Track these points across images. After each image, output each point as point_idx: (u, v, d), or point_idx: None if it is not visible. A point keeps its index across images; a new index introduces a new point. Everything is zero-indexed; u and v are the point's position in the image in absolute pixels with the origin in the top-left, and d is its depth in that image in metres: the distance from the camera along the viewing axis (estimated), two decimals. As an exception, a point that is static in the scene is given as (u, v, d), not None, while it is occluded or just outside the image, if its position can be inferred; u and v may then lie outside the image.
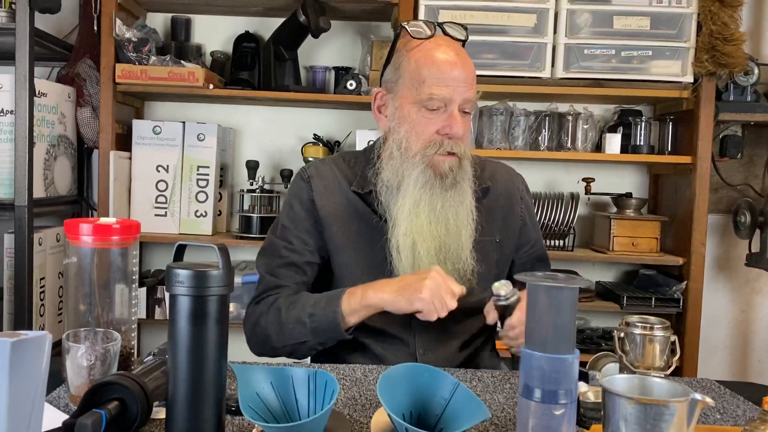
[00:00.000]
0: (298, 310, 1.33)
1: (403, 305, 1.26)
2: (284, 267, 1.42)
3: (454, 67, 1.33)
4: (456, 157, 1.36)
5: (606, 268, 2.67)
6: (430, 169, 1.35)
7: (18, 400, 0.71)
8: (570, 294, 0.80)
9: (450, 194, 1.36)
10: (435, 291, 1.24)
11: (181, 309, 0.86)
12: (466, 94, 1.34)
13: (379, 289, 1.29)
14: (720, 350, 2.71)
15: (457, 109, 1.34)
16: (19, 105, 2.01)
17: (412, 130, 1.36)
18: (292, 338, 1.34)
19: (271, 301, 1.39)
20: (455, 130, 1.33)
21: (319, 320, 1.31)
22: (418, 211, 1.35)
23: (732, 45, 2.17)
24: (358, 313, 1.31)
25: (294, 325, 1.33)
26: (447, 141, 1.35)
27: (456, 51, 1.37)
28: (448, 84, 1.33)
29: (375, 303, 1.29)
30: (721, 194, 2.62)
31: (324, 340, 1.34)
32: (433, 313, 1.24)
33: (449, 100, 1.33)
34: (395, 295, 1.27)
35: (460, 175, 1.37)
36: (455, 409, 0.93)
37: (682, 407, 0.77)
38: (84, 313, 1.11)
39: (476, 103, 2.34)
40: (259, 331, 1.38)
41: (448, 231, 1.36)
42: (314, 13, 2.26)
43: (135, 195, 2.41)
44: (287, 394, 0.95)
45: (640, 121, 2.42)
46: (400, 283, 1.29)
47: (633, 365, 1.12)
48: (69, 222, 1.11)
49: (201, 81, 2.27)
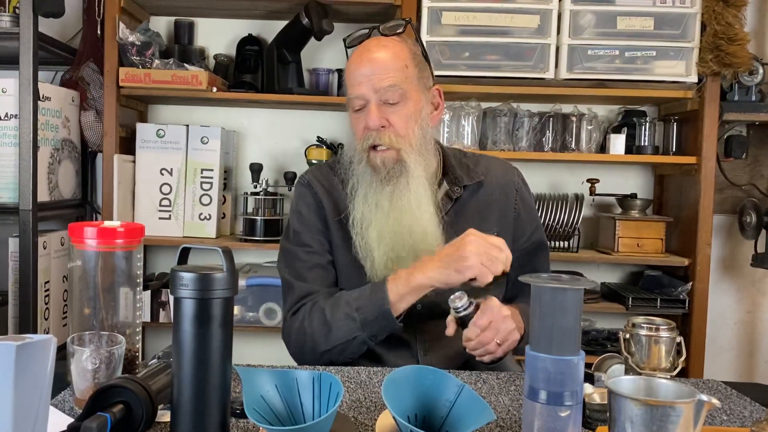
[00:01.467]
0: (343, 306, 1.33)
1: (454, 278, 1.25)
2: (310, 270, 1.42)
3: (360, 64, 1.38)
4: (391, 151, 1.37)
5: (611, 269, 2.66)
6: (368, 166, 1.39)
7: (23, 403, 0.71)
8: (575, 295, 0.80)
9: (390, 188, 1.37)
10: (480, 252, 1.23)
11: (185, 312, 0.86)
12: (378, 84, 1.35)
13: (422, 269, 1.28)
14: (726, 351, 2.70)
15: (374, 103, 1.36)
16: (24, 109, 2.01)
17: (352, 134, 1.43)
18: (341, 337, 1.32)
19: (309, 306, 1.38)
20: (369, 122, 1.36)
21: (367, 312, 1.30)
22: (369, 210, 1.38)
23: (736, 45, 2.16)
24: (406, 298, 1.30)
25: (342, 323, 1.32)
26: (371, 134, 1.37)
27: (371, 47, 1.40)
28: (359, 82, 1.37)
29: (424, 282, 1.28)
30: (727, 194, 2.61)
31: (375, 332, 1.32)
32: (487, 274, 1.23)
33: (364, 96, 1.37)
34: (442, 270, 1.26)
35: (399, 168, 1.37)
36: (460, 412, 0.93)
37: (688, 408, 0.77)
38: (88, 316, 1.11)
39: (479, 104, 2.37)
40: (305, 338, 1.36)
41: (401, 223, 1.36)
42: (317, 15, 2.26)
43: (139, 198, 2.41)
44: (292, 396, 0.95)
45: (644, 121, 2.41)
46: (441, 257, 1.28)
47: (639, 366, 1.12)
48: (73, 226, 1.11)
49: (204, 84, 2.27)
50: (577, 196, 2.40)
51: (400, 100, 1.37)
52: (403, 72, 1.37)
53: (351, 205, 1.41)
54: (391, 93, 1.36)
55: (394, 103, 1.37)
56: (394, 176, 1.37)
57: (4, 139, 2.06)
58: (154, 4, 2.46)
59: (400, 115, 1.37)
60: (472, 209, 1.46)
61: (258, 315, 2.43)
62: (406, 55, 1.40)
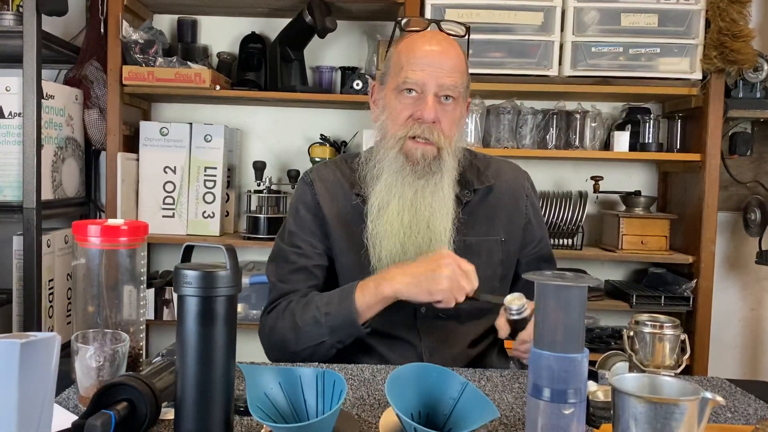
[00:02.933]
0: (312, 310, 1.32)
1: (421, 296, 1.25)
2: (294, 272, 1.42)
3: (431, 53, 1.35)
4: (432, 146, 1.35)
5: (615, 267, 2.66)
6: (402, 154, 1.35)
7: (27, 401, 0.71)
8: (579, 293, 0.80)
9: (422, 183, 1.35)
10: (452, 278, 1.22)
11: (189, 310, 0.86)
12: (443, 81, 1.33)
13: (391, 280, 1.27)
14: (730, 348, 2.69)
15: (432, 95, 1.33)
16: (27, 107, 2.01)
17: (390, 116, 1.37)
18: (309, 340, 1.32)
19: (283, 306, 1.38)
20: (425, 114, 1.32)
21: (334, 318, 1.30)
22: (389, 199, 1.35)
23: (741, 41, 2.16)
24: (373, 307, 1.29)
25: (311, 327, 1.31)
26: (418, 125, 1.34)
27: (439, 41, 1.37)
28: (423, 68, 1.33)
29: (390, 294, 1.27)
30: (731, 192, 2.60)
31: (342, 338, 1.32)
32: (452, 301, 1.24)
33: (423, 85, 1.33)
34: (412, 286, 1.25)
35: (436, 166, 1.35)
36: (464, 409, 0.93)
37: (692, 406, 0.76)
38: (92, 314, 1.11)
39: (483, 102, 2.36)
40: (276, 339, 1.37)
41: (419, 221, 1.35)
42: (320, 13, 2.26)
43: (142, 196, 2.41)
44: (296, 394, 0.95)
45: (648, 118, 2.41)
46: (413, 271, 1.26)
47: (643, 364, 1.11)
48: (77, 224, 1.11)
49: (207, 82, 2.27)
50: (581, 193, 2.39)
51: (453, 101, 1.36)
52: (462, 77, 1.37)
53: (371, 189, 1.38)
54: (450, 92, 1.35)
55: (447, 102, 1.35)
56: (430, 172, 1.35)
57: (8, 138, 2.07)
58: (157, 3, 2.46)
59: (449, 116, 1.36)
60: (481, 214, 1.44)
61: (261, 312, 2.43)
62: (465, 62, 1.40)
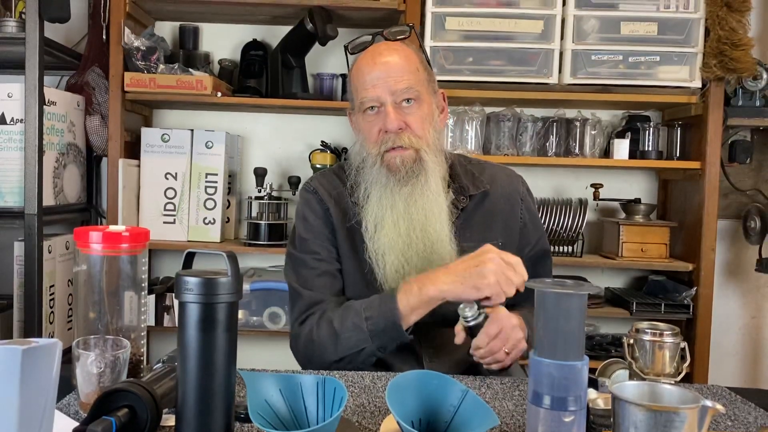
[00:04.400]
0: (352, 316, 1.31)
1: (470, 294, 1.23)
2: (318, 278, 1.41)
3: (375, 66, 1.38)
4: (409, 150, 1.36)
5: (615, 275, 2.66)
6: (384, 168, 1.38)
7: (28, 407, 0.71)
8: (579, 300, 0.80)
9: (407, 189, 1.36)
10: (499, 272, 1.21)
11: (190, 316, 0.86)
12: (395, 87, 1.36)
13: (435, 281, 1.26)
14: (730, 356, 2.69)
15: (390, 105, 1.36)
16: (29, 113, 2.02)
17: (364, 137, 1.42)
18: (350, 347, 1.30)
19: (318, 315, 1.36)
20: (388, 124, 1.36)
21: (376, 322, 1.28)
22: (383, 213, 1.37)
23: (740, 50, 2.16)
24: (417, 310, 1.28)
25: (351, 333, 1.30)
26: (389, 137, 1.37)
27: (381, 51, 1.40)
28: (374, 84, 1.37)
29: (436, 295, 1.26)
30: (731, 199, 2.61)
31: (384, 344, 1.30)
32: (502, 295, 1.22)
33: (378, 99, 1.37)
34: (458, 284, 1.24)
35: (418, 167, 1.36)
36: (464, 416, 0.93)
37: (692, 414, 0.77)
38: (93, 320, 1.11)
39: (483, 109, 2.37)
40: (313, 348, 1.34)
41: (415, 227, 1.35)
42: (321, 20, 2.27)
43: (144, 203, 2.42)
44: (296, 401, 0.95)
45: (648, 126, 2.41)
46: (457, 269, 1.26)
47: (643, 372, 1.11)
48: (78, 230, 1.11)
49: (209, 89, 2.28)
50: (581, 201, 2.40)
51: (415, 101, 1.38)
52: (416, 74, 1.39)
53: (363, 210, 1.39)
54: (408, 94, 1.37)
55: (410, 105, 1.37)
56: (413, 176, 1.36)
57: (10, 144, 2.07)
58: (159, 10, 2.47)
59: (416, 116, 1.38)
60: (478, 219, 1.45)
61: (262, 319, 2.43)
62: (416, 59, 1.41)
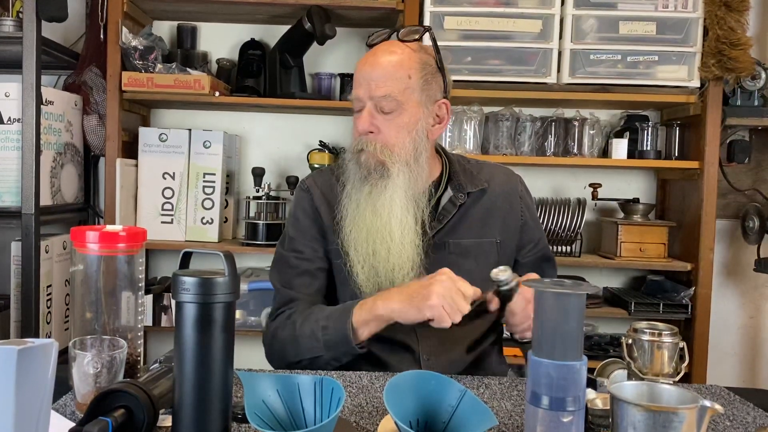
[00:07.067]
0: (312, 323, 1.33)
1: (412, 314, 1.23)
2: (297, 277, 1.43)
3: (365, 67, 1.38)
4: (374, 155, 1.36)
5: (613, 274, 2.66)
6: (356, 165, 1.39)
7: (24, 407, 0.71)
8: (577, 300, 0.80)
9: (367, 188, 1.37)
10: (444, 295, 1.20)
11: (187, 316, 0.86)
12: (374, 92, 1.35)
13: (387, 299, 1.27)
14: (729, 356, 2.69)
15: (368, 108, 1.36)
16: (26, 113, 2.01)
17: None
18: (306, 353, 1.33)
19: (286, 315, 1.39)
20: (359, 126, 1.37)
21: (331, 334, 1.30)
22: (350, 208, 1.38)
23: (739, 50, 2.16)
24: (368, 325, 1.29)
25: (308, 340, 1.32)
26: (360, 138, 1.38)
27: (381, 52, 1.38)
28: (360, 84, 1.38)
29: (385, 314, 1.27)
30: (729, 199, 2.61)
31: (337, 355, 1.32)
32: (445, 318, 1.20)
33: (360, 100, 1.38)
34: (404, 304, 1.24)
35: (379, 170, 1.36)
36: (462, 417, 0.93)
37: (691, 414, 0.76)
38: (90, 320, 1.11)
39: (481, 109, 2.37)
40: (276, 346, 1.38)
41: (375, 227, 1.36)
42: (320, 20, 2.27)
43: (141, 202, 2.41)
44: (293, 401, 0.95)
45: (646, 126, 2.41)
46: (408, 290, 1.26)
47: (641, 372, 1.11)
48: (75, 230, 1.11)
49: (207, 88, 2.27)
50: (580, 200, 2.40)
51: (394, 110, 1.36)
52: (402, 82, 1.35)
53: (340, 204, 1.41)
54: (385, 103, 1.35)
55: (388, 111, 1.36)
56: (375, 177, 1.36)
57: (7, 143, 2.07)
58: (156, 9, 2.46)
59: (391, 124, 1.36)
60: (475, 216, 1.45)
61: (260, 319, 2.42)
62: (412, 65, 1.37)
